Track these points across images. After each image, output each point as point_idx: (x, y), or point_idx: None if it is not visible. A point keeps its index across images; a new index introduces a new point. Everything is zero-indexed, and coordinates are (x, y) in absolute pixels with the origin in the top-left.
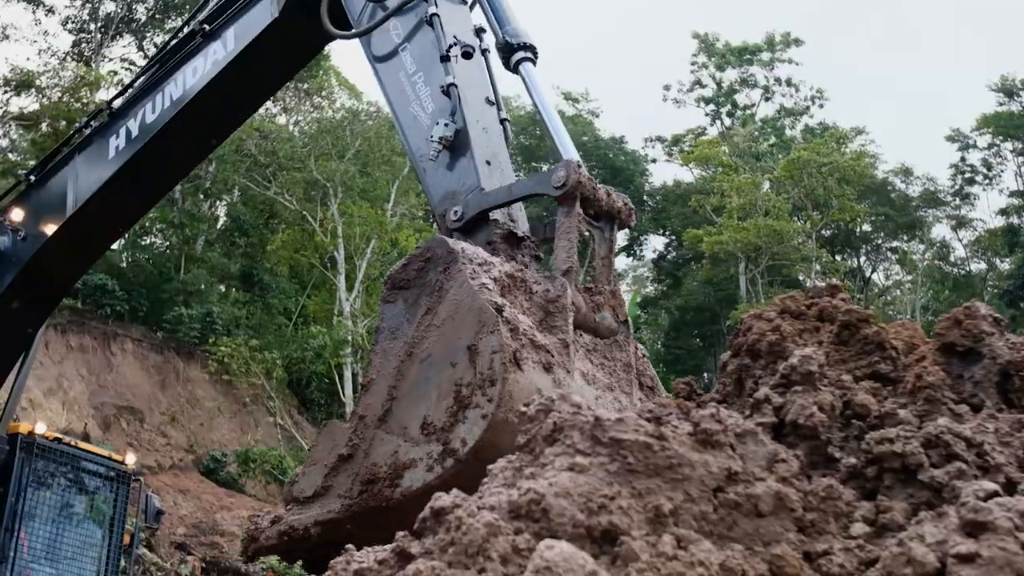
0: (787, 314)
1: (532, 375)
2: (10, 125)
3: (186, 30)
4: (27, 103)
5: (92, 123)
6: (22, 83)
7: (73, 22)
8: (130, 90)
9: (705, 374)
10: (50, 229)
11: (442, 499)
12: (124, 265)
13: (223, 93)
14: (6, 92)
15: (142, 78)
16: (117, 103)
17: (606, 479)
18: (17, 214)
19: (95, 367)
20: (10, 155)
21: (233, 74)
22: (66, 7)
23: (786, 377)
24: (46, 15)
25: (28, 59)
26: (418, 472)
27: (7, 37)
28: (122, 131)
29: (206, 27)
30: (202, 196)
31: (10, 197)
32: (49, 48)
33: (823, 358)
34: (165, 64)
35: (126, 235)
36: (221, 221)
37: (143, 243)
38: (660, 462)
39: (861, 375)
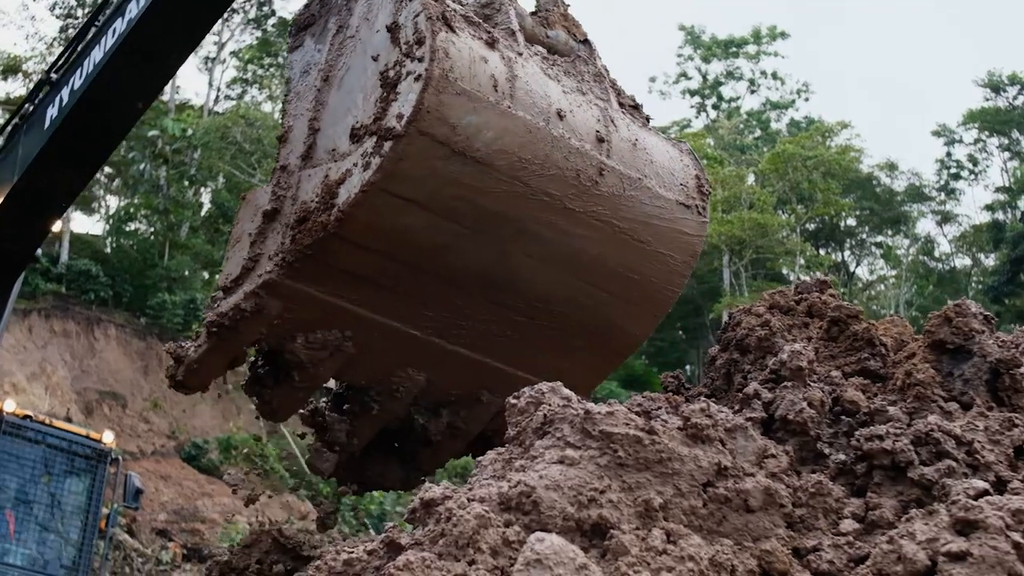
0: (776, 309)
1: (470, 42)
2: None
3: None
4: (14, 88)
5: (38, 95)
6: (9, 68)
7: (60, 7)
8: (67, 58)
9: (688, 366)
10: None
11: (432, 490)
12: (108, 251)
13: (136, 52)
14: None
15: (79, 46)
16: (55, 73)
17: (596, 472)
18: None
19: (78, 352)
20: None
21: (142, 31)
22: None
23: (776, 372)
24: (34, 0)
25: (15, 44)
26: (354, 178)
27: None
28: (56, 100)
29: None
30: (187, 183)
31: None
32: (36, 33)
33: (813, 354)
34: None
35: (110, 221)
36: (206, 208)
37: (127, 229)
38: (650, 456)
39: (850, 371)
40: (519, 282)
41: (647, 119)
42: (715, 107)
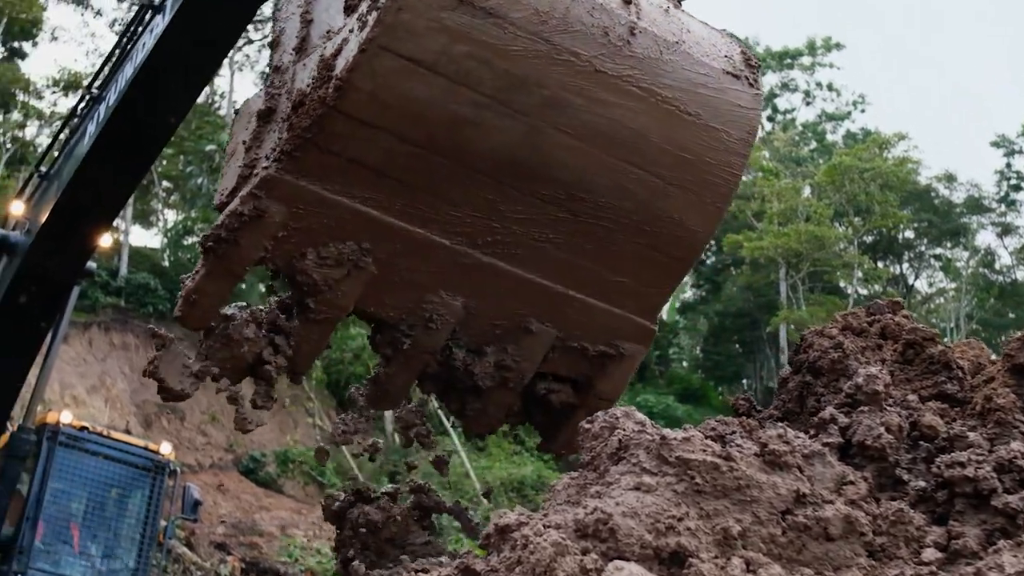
0: (849, 331)
1: None
2: (59, 125)
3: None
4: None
5: (80, 110)
6: (70, 84)
7: (120, 24)
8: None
9: (745, 380)
10: (42, 220)
11: (507, 517)
12: (167, 264)
13: (163, 66)
14: (55, 93)
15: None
16: (95, 88)
17: (674, 499)
18: (17, 207)
19: (137, 365)
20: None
21: (169, 46)
22: (113, 9)
23: (851, 396)
24: (94, 17)
25: (76, 60)
26: (351, 43)
27: (56, 39)
28: (96, 115)
29: (155, 1)
30: None
31: (28, 190)
32: (96, 50)
33: (888, 377)
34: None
35: (168, 234)
36: None
37: (185, 243)
38: (728, 483)
39: (927, 395)
40: (554, 167)
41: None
42: (770, 119)
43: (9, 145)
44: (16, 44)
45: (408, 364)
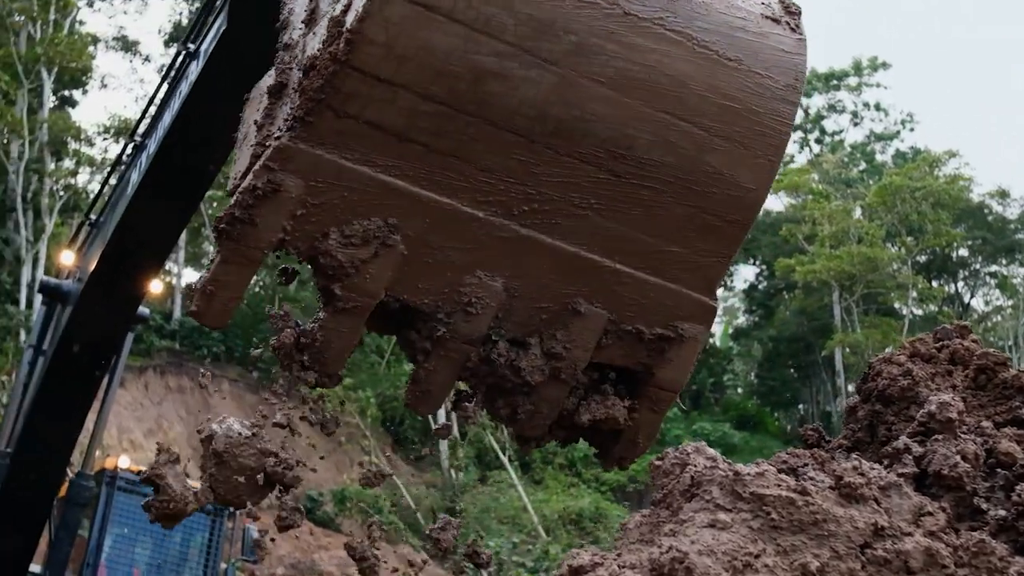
0: (917, 357)
1: None
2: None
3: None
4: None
5: (124, 158)
6: (120, 130)
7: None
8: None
9: (801, 405)
10: (91, 268)
11: (579, 557)
12: None
13: (200, 114)
14: (105, 139)
15: (154, 107)
16: (138, 136)
17: (750, 536)
18: (67, 257)
19: (193, 407)
20: None
21: (202, 95)
22: (161, 55)
23: (924, 425)
24: (142, 63)
25: (125, 107)
26: None
27: (105, 86)
28: (138, 163)
29: (190, 47)
30: None
31: (79, 239)
32: (145, 95)
33: (961, 404)
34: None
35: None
36: None
37: None
38: (804, 518)
39: (1002, 421)
40: (589, 121)
41: None
42: (818, 141)
43: (62, 193)
44: (67, 92)
45: (448, 358)
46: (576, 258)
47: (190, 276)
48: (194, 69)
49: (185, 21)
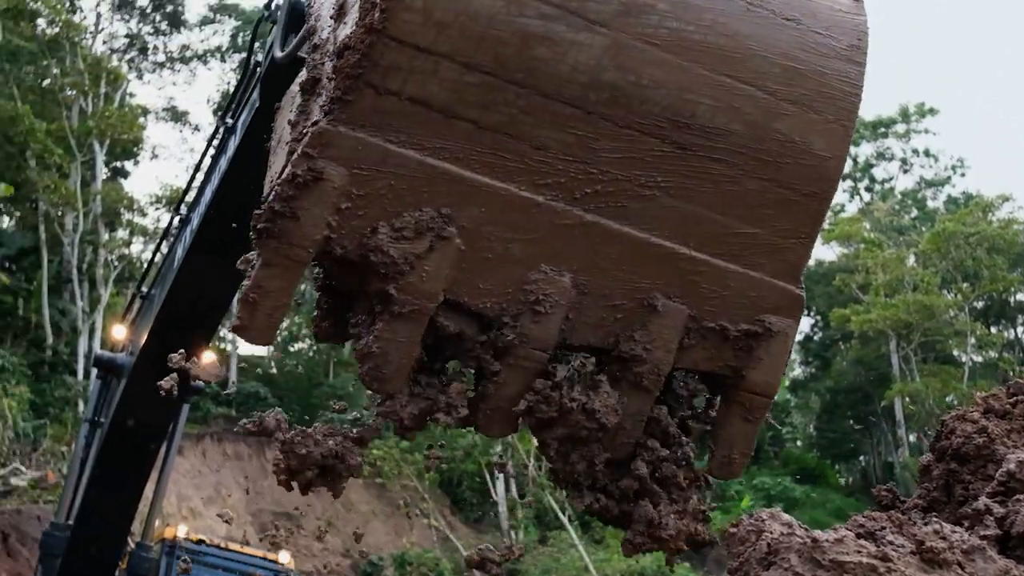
0: (991, 414)
1: None
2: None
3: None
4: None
5: (171, 231)
6: (171, 200)
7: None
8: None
9: (862, 457)
10: (142, 342)
11: None
12: (275, 372)
13: (239, 188)
14: (157, 209)
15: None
16: (183, 210)
17: None
18: (119, 331)
19: (251, 474)
20: None
21: (240, 170)
22: (210, 124)
23: (1004, 484)
24: (192, 133)
25: (176, 176)
26: None
27: (156, 156)
28: (183, 238)
29: (228, 121)
30: None
31: (131, 313)
32: (195, 164)
33: None
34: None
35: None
36: None
37: (292, 349)
38: None
39: None
40: (647, 87)
41: None
42: (868, 190)
43: (116, 263)
44: (119, 164)
45: (519, 368)
46: (648, 245)
47: (245, 344)
48: (232, 144)
49: (235, 86)
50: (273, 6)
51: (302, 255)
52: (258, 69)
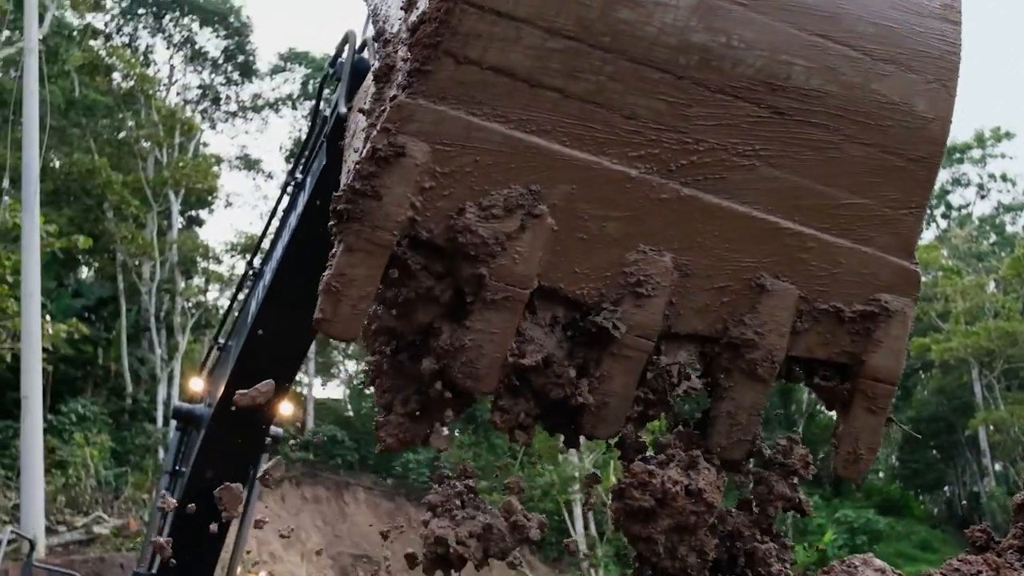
0: None
1: None
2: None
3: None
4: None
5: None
6: (246, 247)
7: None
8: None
9: (946, 487)
10: (220, 393)
11: None
12: (351, 415)
13: (308, 246)
14: (232, 256)
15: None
16: (257, 262)
17: None
18: (197, 384)
19: (330, 517)
20: None
21: (309, 227)
22: (282, 171)
23: None
24: (265, 180)
25: (250, 223)
26: None
27: (231, 204)
28: (256, 293)
29: (297, 177)
30: None
31: (208, 363)
32: (269, 212)
33: None
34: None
35: (350, 385)
36: None
37: (368, 392)
38: None
39: None
40: (738, 48)
41: None
42: (945, 216)
43: (193, 311)
44: (194, 212)
45: (623, 359)
46: (751, 220)
47: (320, 387)
48: (301, 201)
49: (304, 136)
50: (338, 63)
51: (386, 238)
52: (324, 127)
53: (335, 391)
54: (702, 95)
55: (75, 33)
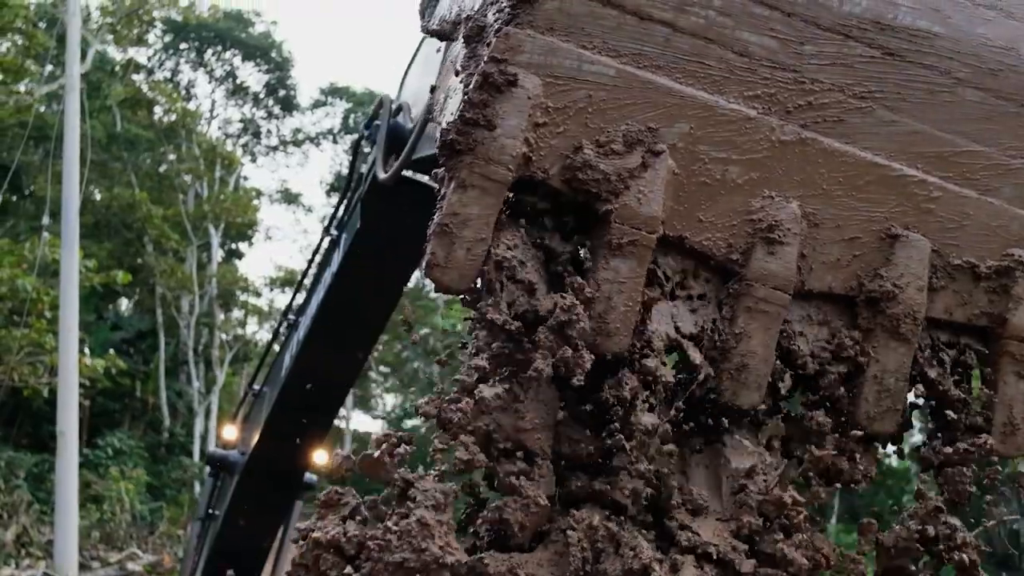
0: None
1: None
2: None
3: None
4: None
5: (281, 335)
6: (286, 281)
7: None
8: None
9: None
10: (254, 442)
11: None
12: None
13: (342, 305)
14: (272, 290)
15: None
16: (291, 315)
17: None
18: (230, 432)
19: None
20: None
21: (343, 287)
22: (323, 205)
23: None
24: (305, 214)
25: (290, 257)
26: None
27: (270, 238)
28: (291, 345)
29: (333, 232)
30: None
31: (243, 409)
32: (309, 246)
33: None
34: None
35: (388, 418)
36: None
37: (405, 426)
38: None
39: None
40: None
41: None
42: None
43: (232, 343)
44: (234, 245)
45: (760, 314)
46: (875, 167)
47: (359, 419)
48: (336, 259)
49: (344, 171)
50: (372, 125)
51: (502, 173)
52: (360, 187)
53: (373, 424)
54: (813, 33)
55: (117, 68)
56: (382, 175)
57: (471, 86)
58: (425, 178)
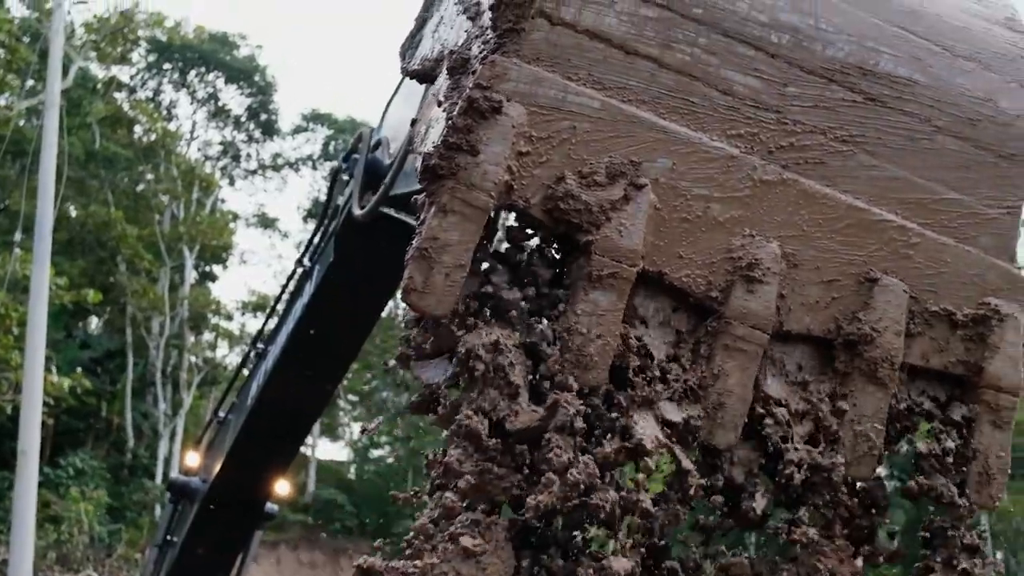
0: None
1: None
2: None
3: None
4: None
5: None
6: (258, 306)
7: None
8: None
9: None
10: (216, 470)
11: None
12: (353, 478)
13: (311, 338)
14: (244, 314)
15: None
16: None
17: None
18: (192, 459)
19: None
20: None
21: (313, 318)
22: (300, 231)
23: None
24: (281, 239)
25: (264, 282)
26: None
27: (245, 262)
28: (257, 376)
29: (306, 263)
30: None
31: (208, 436)
32: (284, 271)
33: None
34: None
35: (354, 448)
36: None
37: (371, 456)
38: None
39: None
40: (827, 31)
41: None
42: None
43: (201, 365)
44: (207, 268)
45: (737, 353)
46: (854, 210)
47: (324, 448)
48: (308, 290)
49: (323, 197)
50: (351, 159)
51: (483, 200)
52: (335, 220)
53: (340, 452)
54: (796, 75)
55: (99, 86)
56: (357, 211)
57: (456, 111)
58: (402, 215)
